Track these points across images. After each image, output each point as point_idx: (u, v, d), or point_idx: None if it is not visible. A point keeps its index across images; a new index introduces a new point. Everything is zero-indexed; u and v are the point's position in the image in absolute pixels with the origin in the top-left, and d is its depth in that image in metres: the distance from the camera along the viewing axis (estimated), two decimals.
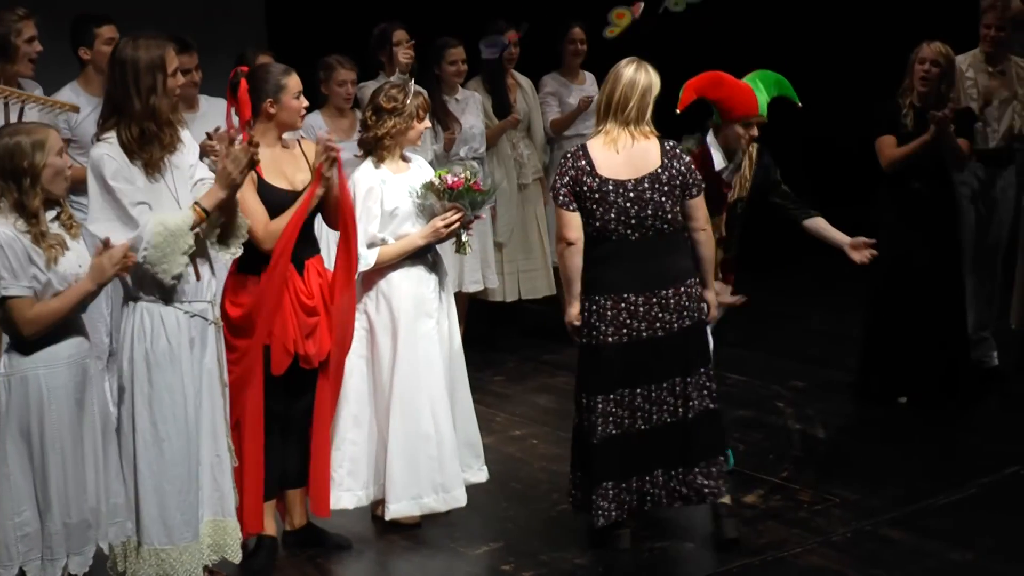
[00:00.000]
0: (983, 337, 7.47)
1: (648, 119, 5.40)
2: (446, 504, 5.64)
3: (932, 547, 5.47)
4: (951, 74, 6.86)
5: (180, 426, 4.80)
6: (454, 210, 5.58)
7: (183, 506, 4.83)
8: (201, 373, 4.88)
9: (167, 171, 4.78)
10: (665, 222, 5.35)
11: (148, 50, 4.69)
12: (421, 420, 5.57)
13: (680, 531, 5.68)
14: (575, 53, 8.35)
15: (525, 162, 8.21)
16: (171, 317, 4.79)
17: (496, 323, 8.35)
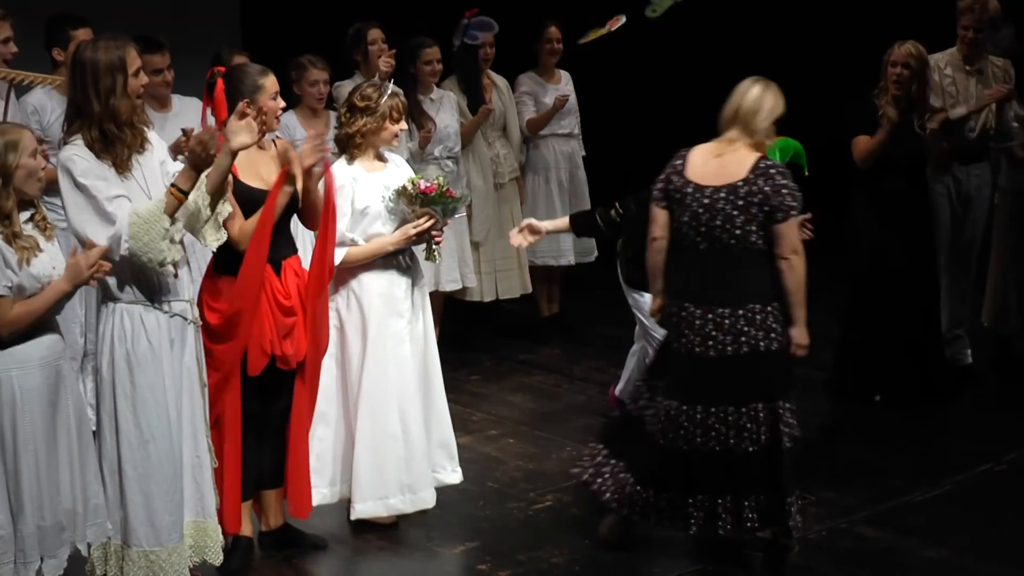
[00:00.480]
0: (957, 335, 7.50)
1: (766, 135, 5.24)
2: (413, 506, 5.64)
3: (907, 544, 5.50)
4: (924, 74, 6.87)
5: (164, 427, 4.78)
6: (426, 216, 5.57)
7: (170, 507, 4.81)
8: (182, 373, 4.87)
9: (136, 170, 4.75)
10: (733, 237, 5.11)
11: (107, 51, 4.66)
12: (389, 420, 5.57)
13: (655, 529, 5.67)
14: (551, 52, 8.35)
15: (501, 162, 8.20)
16: (151, 318, 4.77)
17: (472, 322, 8.34)
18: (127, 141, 4.70)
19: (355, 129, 5.59)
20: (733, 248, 5.14)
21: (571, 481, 6.19)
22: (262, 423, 5.34)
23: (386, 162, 5.72)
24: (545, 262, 8.41)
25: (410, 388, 5.62)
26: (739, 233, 5.13)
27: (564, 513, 5.89)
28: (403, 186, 5.57)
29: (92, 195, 4.61)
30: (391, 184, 5.64)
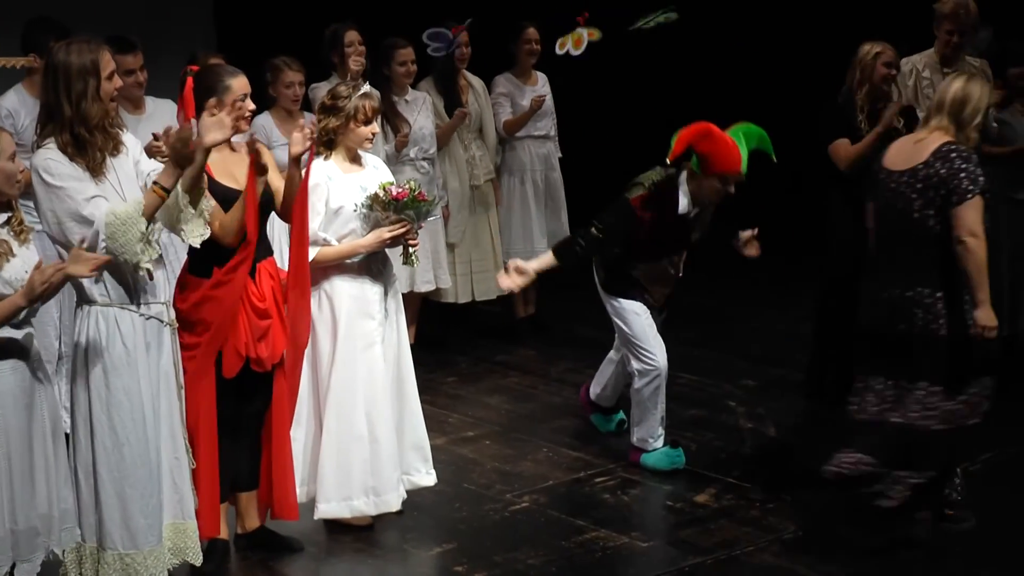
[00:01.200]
0: None
1: (973, 128, 5.36)
2: (377, 508, 5.63)
3: (882, 545, 5.50)
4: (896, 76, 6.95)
5: (139, 429, 4.76)
6: (401, 222, 5.57)
7: (146, 510, 4.79)
8: (159, 376, 4.85)
9: (110, 172, 4.73)
10: (910, 220, 5.27)
11: (80, 54, 4.63)
12: (355, 421, 5.56)
13: (632, 530, 5.69)
14: (529, 53, 8.35)
15: (477, 163, 8.20)
16: (126, 320, 4.75)
17: (448, 324, 8.34)
18: (99, 145, 4.67)
19: (322, 127, 5.59)
20: (912, 232, 5.28)
21: (548, 482, 6.21)
22: (237, 425, 5.33)
23: (363, 164, 5.72)
24: None
25: (379, 390, 5.61)
26: (916, 217, 5.26)
27: (540, 514, 5.89)
28: (375, 193, 5.56)
29: (68, 196, 4.59)
30: (368, 185, 5.63)
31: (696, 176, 5.98)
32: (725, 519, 5.82)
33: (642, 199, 6.04)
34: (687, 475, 6.27)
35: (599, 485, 6.18)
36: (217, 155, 5.20)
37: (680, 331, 8.41)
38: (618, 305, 6.31)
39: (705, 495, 6.06)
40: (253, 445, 5.40)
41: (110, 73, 4.69)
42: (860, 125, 6.88)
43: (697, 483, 6.17)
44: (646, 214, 6.03)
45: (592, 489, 6.15)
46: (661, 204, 6.02)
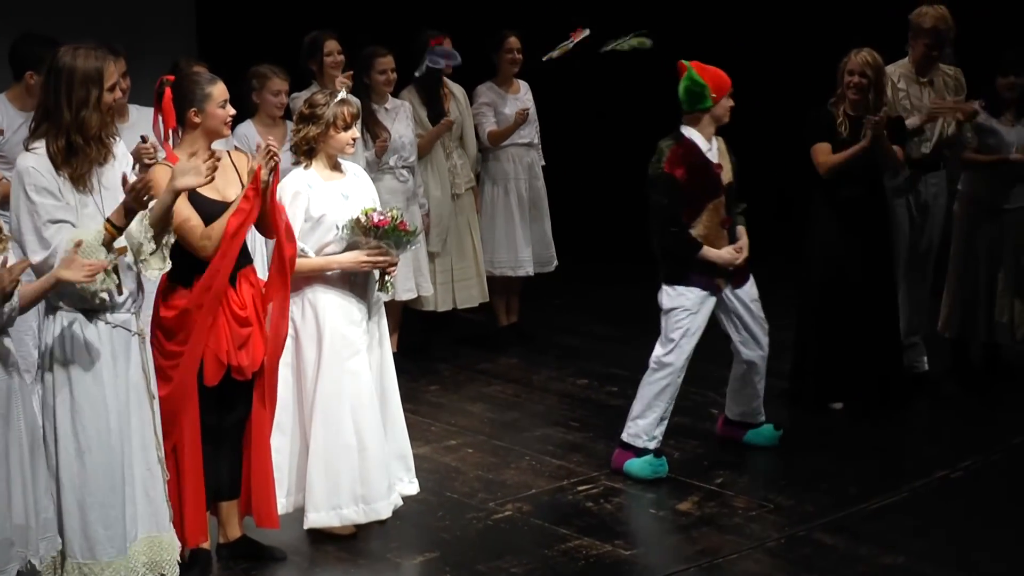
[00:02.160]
0: (913, 342, 7.55)
1: None
2: (366, 516, 5.61)
3: (864, 551, 5.53)
4: (880, 82, 6.91)
5: (103, 438, 4.73)
6: (379, 250, 5.56)
7: (106, 520, 4.75)
8: (127, 386, 4.82)
9: (96, 185, 4.70)
10: None
11: (86, 61, 4.61)
12: (343, 430, 5.55)
13: (615, 538, 5.69)
14: (512, 62, 8.34)
15: (458, 172, 8.20)
16: (91, 329, 4.72)
17: (431, 332, 8.33)
18: (91, 155, 4.66)
19: (301, 136, 5.59)
20: None
21: (531, 490, 6.21)
22: (219, 434, 5.31)
23: (344, 172, 5.71)
24: (503, 273, 8.40)
25: (366, 398, 5.61)
26: None
27: (524, 523, 5.88)
28: (356, 217, 5.54)
29: (36, 213, 4.58)
30: (349, 193, 5.63)
31: (706, 110, 6.23)
32: (708, 527, 5.82)
33: (670, 160, 6.22)
34: (670, 483, 6.27)
35: (582, 493, 6.18)
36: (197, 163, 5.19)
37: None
38: (674, 293, 6.32)
39: (688, 503, 6.06)
40: (234, 454, 5.39)
41: (112, 84, 4.67)
42: (841, 131, 6.90)
43: (680, 491, 6.18)
44: (678, 169, 6.20)
45: (575, 497, 6.15)
46: (686, 154, 6.22)
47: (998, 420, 7.12)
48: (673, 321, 6.31)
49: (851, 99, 6.86)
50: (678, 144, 6.24)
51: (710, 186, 6.30)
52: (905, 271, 7.46)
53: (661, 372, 6.33)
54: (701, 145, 6.26)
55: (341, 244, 5.59)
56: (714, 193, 6.31)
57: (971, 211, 7.54)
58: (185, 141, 5.23)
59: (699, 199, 6.28)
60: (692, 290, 6.30)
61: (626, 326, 8.83)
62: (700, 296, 6.30)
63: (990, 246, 7.50)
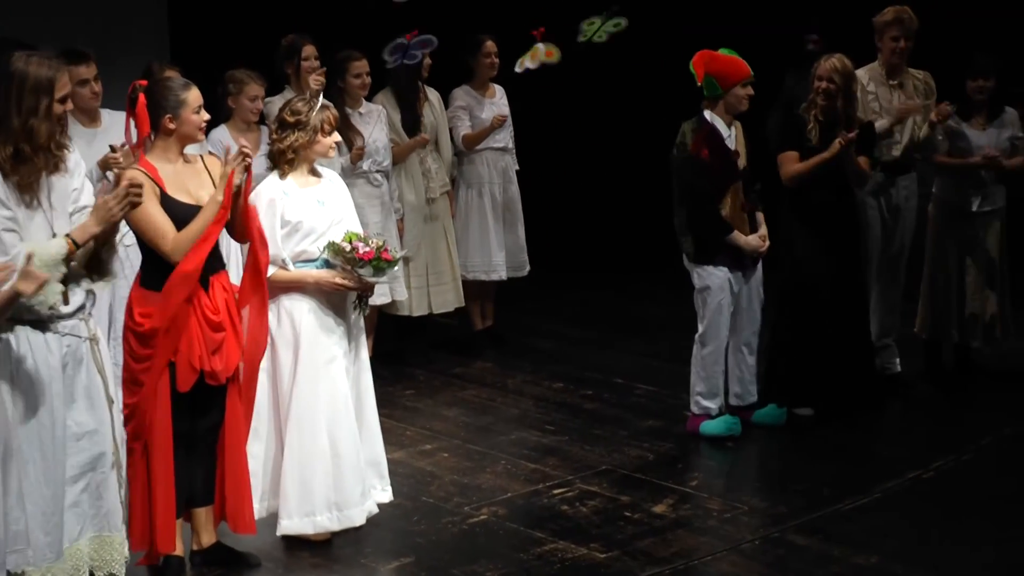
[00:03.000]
0: (886, 344, 7.58)
1: None
2: (340, 523, 5.61)
3: (837, 552, 5.55)
4: (850, 89, 6.92)
5: (47, 449, 4.66)
6: (355, 280, 5.56)
7: (47, 527, 4.70)
8: (78, 392, 4.75)
9: (44, 195, 4.62)
10: None
11: (39, 68, 4.54)
12: (318, 436, 5.55)
13: (591, 541, 5.70)
14: (489, 66, 8.34)
15: (433, 176, 8.19)
16: (38, 338, 4.64)
17: (406, 337, 8.33)
18: (39, 165, 4.57)
19: (287, 144, 5.58)
20: None
21: (506, 494, 6.22)
22: (192, 440, 5.30)
23: (320, 176, 5.71)
24: (477, 277, 8.40)
25: (342, 405, 5.60)
26: None
27: (499, 527, 5.89)
28: (340, 245, 5.53)
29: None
30: (324, 199, 5.63)
31: (719, 98, 6.56)
32: (683, 529, 5.84)
33: (696, 142, 6.58)
34: (644, 485, 6.29)
35: (557, 497, 6.19)
36: (171, 168, 5.20)
37: (636, 343, 8.48)
38: (705, 274, 6.70)
39: (663, 505, 6.08)
40: (208, 460, 5.37)
41: (64, 96, 4.59)
42: (811, 138, 6.91)
43: (654, 493, 6.19)
44: (704, 150, 6.56)
45: (550, 501, 6.15)
46: (710, 136, 6.58)
47: (969, 421, 7.17)
48: (705, 300, 6.72)
49: (820, 104, 6.89)
50: (700, 126, 6.60)
51: (730, 169, 6.62)
52: (877, 273, 7.50)
53: (706, 348, 6.77)
54: (721, 129, 6.61)
55: (318, 252, 5.58)
56: (733, 177, 6.65)
57: (943, 213, 7.58)
58: (158, 147, 5.21)
59: (722, 181, 6.62)
60: (720, 269, 6.69)
61: (600, 330, 8.86)
62: (725, 274, 6.71)
63: (961, 248, 7.55)
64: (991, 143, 7.41)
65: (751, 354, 6.94)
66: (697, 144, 6.58)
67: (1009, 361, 7.80)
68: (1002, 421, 7.10)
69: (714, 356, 6.76)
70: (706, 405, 6.81)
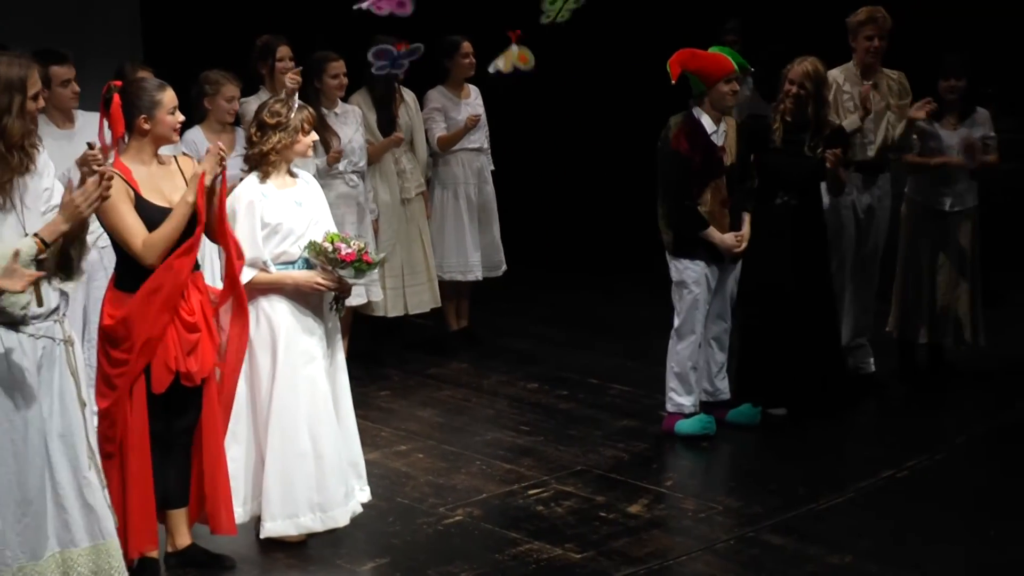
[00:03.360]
0: (860, 344, 7.61)
1: None
2: (323, 524, 5.60)
3: (812, 552, 5.57)
4: (821, 94, 6.91)
5: (19, 450, 4.63)
6: (335, 280, 5.57)
7: (19, 527, 4.68)
8: (52, 395, 4.72)
9: (16, 194, 4.60)
10: None
11: (9, 68, 4.54)
12: (299, 438, 5.54)
13: (566, 541, 5.70)
14: (466, 67, 8.33)
15: (408, 176, 8.18)
16: (13, 339, 4.63)
17: (381, 338, 8.32)
18: (12, 164, 4.56)
19: (270, 146, 5.56)
20: None
21: (481, 495, 6.22)
22: (167, 441, 5.28)
23: (296, 177, 5.70)
24: (453, 277, 8.40)
25: (321, 406, 5.59)
26: None
27: (474, 528, 5.89)
28: (323, 246, 5.53)
29: None
30: (302, 200, 5.62)
31: (704, 94, 6.62)
32: (657, 529, 5.85)
33: (676, 136, 6.65)
34: (619, 485, 6.30)
35: (532, 497, 6.20)
36: (144, 169, 5.18)
37: (611, 343, 8.50)
38: (682, 267, 6.75)
39: (638, 505, 6.09)
40: (183, 461, 5.36)
41: (36, 93, 4.60)
42: (774, 138, 6.90)
43: (629, 493, 6.20)
44: (684, 144, 6.62)
45: (526, 501, 6.16)
46: (692, 131, 6.63)
47: (943, 420, 7.21)
48: (681, 294, 6.76)
49: (788, 107, 6.89)
50: (685, 122, 6.67)
51: (710, 165, 6.66)
52: (851, 273, 7.52)
53: (681, 342, 6.79)
54: (707, 126, 6.65)
55: (297, 252, 5.58)
56: (714, 173, 6.68)
57: (915, 213, 7.61)
58: (132, 148, 5.20)
59: (701, 176, 6.65)
60: (696, 263, 6.72)
61: (575, 330, 8.87)
62: (703, 269, 6.72)
63: (934, 248, 7.58)
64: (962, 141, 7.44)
65: (721, 350, 6.96)
66: (677, 138, 6.64)
67: (982, 360, 7.84)
68: (975, 420, 7.14)
69: (688, 350, 6.77)
70: (679, 402, 6.82)
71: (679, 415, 6.83)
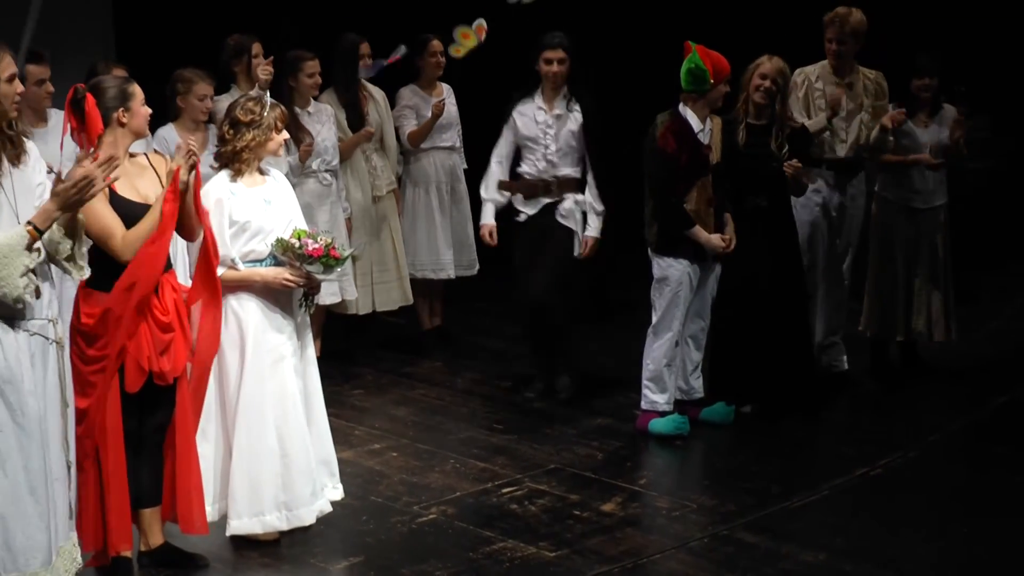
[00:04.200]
0: (833, 342, 7.64)
1: None
2: (289, 523, 5.59)
3: (786, 549, 5.58)
4: (785, 91, 6.94)
5: (24, 445, 4.64)
6: (303, 276, 5.55)
7: (28, 530, 4.67)
8: (44, 393, 4.73)
9: (8, 184, 4.62)
10: None
11: None
12: (266, 436, 5.52)
13: (540, 540, 5.70)
14: (436, 65, 8.33)
15: (379, 174, 8.16)
16: (9, 337, 4.63)
17: (354, 336, 8.30)
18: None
19: (243, 144, 5.55)
20: None
21: (455, 493, 6.21)
22: (140, 440, 5.26)
23: (266, 175, 5.68)
24: (425, 275, 8.39)
25: (289, 404, 5.57)
26: None
27: (448, 526, 5.88)
28: (290, 242, 5.51)
29: None
30: (271, 199, 5.60)
31: (704, 93, 6.61)
32: (632, 527, 5.86)
33: (663, 135, 6.64)
34: (594, 484, 6.30)
35: (506, 496, 6.19)
36: (120, 168, 5.15)
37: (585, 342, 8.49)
38: (665, 265, 6.75)
39: (612, 504, 6.09)
40: (155, 460, 5.34)
41: (10, 76, 4.58)
42: (738, 140, 6.89)
43: (604, 492, 6.20)
44: (671, 142, 6.61)
45: (499, 500, 6.15)
46: (679, 130, 6.63)
47: (916, 417, 7.23)
48: (662, 291, 6.75)
49: (756, 103, 6.87)
50: (672, 120, 6.65)
51: (697, 164, 6.65)
52: (823, 272, 7.54)
53: (658, 340, 6.78)
54: (694, 124, 6.65)
55: (266, 250, 5.56)
56: (701, 172, 6.68)
57: (887, 211, 7.64)
58: (107, 145, 5.15)
59: (688, 175, 6.65)
60: (680, 261, 6.71)
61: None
62: (686, 267, 6.71)
63: (906, 246, 7.61)
64: (933, 140, 7.48)
65: (697, 349, 6.96)
66: (664, 136, 6.63)
67: (955, 358, 7.88)
68: (949, 417, 7.18)
69: (664, 348, 6.77)
70: (653, 399, 6.82)
71: (653, 413, 6.83)
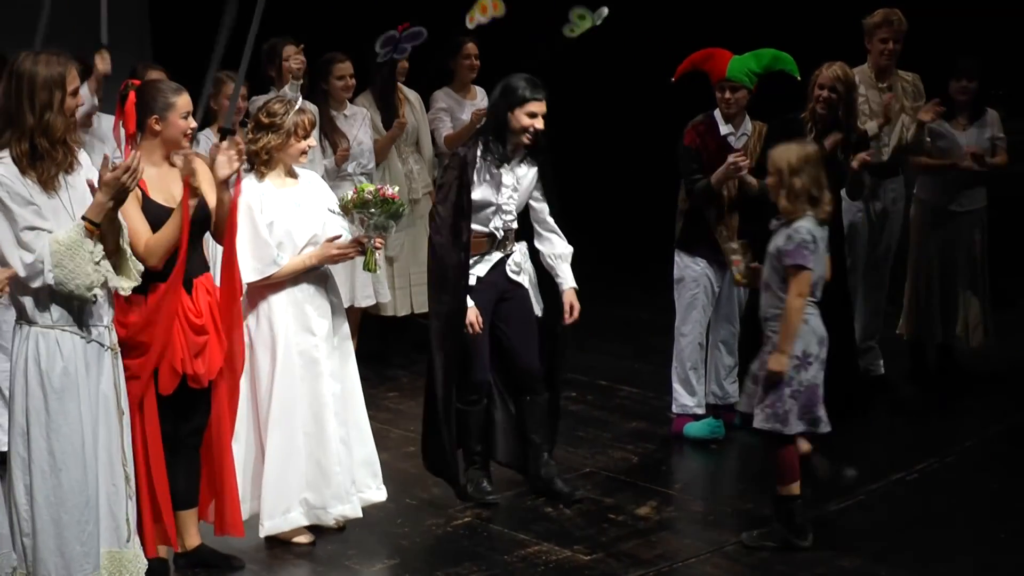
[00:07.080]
0: (870, 346, 7.60)
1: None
2: (320, 521, 5.63)
3: (823, 555, 5.55)
4: (849, 98, 6.80)
5: (78, 455, 4.67)
6: (352, 244, 5.56)
7: (82, 536, 4.70)
8: (98, 400, 4.76)
9: (63, 190, 4.67)
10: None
11: (48, 66, 4.60)
12: (296, 437, 5.55)
13: (575, 543, 5.69)
14: (470, 68, 8.33)
15: (415, 177, 8.18)
16: (67, 342, 4.67)
17: (389, 338, 8.31)
18: (57, 159, 4.63)
19: (260, 146, 5.57)
20: None
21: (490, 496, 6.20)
22: (175, 443, 5.28)
23: (297, 178, 5.69)
24: None
25: (322, 406, 5.59)
26: None
27: (483, 529, 5.88)
28: (362, 195, 5.51)
29: (14, 221, 4.54)
30: (301, 201, 5.62)
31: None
32: (666, 531, 5.84)
33: (688, 132, 6.72)
34: (629, 487, 6.28)
35: (541, 499, 6.18)
36: (155, 170, 5.18)
37: (619, 345, 8.48)
38: (683, 264, 6.80)
39: (647, 507, 6.08)
40: (191, 463, 5.36)
41: (75, 89, 4.66)
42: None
43: (639, 495, 6.19)
44: (696, 140, 6.68)
45: (534, 503, 6.15)
46: (704, 130, 6.70)
47: (953, 422, 7.19)
48: (680, 292, 6.80)
49: (819, 113, 6.82)
50: (700, 120, 6.74)
51: (714, 164, 6.64)
52: (863, 276, 7.51)
53: (681, 342, 6.84)
54: (720, 126, 6.70)
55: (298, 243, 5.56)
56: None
57: (925, 215, 7.60)
58: (144, 148, 5.17)
59: (708, 172, 6.64)
60: (697, 262, 6.74)
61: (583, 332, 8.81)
62: (703, 268, 6.76)
63: (943, 249, 7.57)
64: (972, 143, 7.44)
65: (729, 353, 6.94)
66: (688, 133, 6.71)
67: (992, 362, 7.82)
68: (985, 423, 7.13)
69: (688, 350, 6.79)
70: (683, 403, 6.83)
71: (687, 417, 6.82)
